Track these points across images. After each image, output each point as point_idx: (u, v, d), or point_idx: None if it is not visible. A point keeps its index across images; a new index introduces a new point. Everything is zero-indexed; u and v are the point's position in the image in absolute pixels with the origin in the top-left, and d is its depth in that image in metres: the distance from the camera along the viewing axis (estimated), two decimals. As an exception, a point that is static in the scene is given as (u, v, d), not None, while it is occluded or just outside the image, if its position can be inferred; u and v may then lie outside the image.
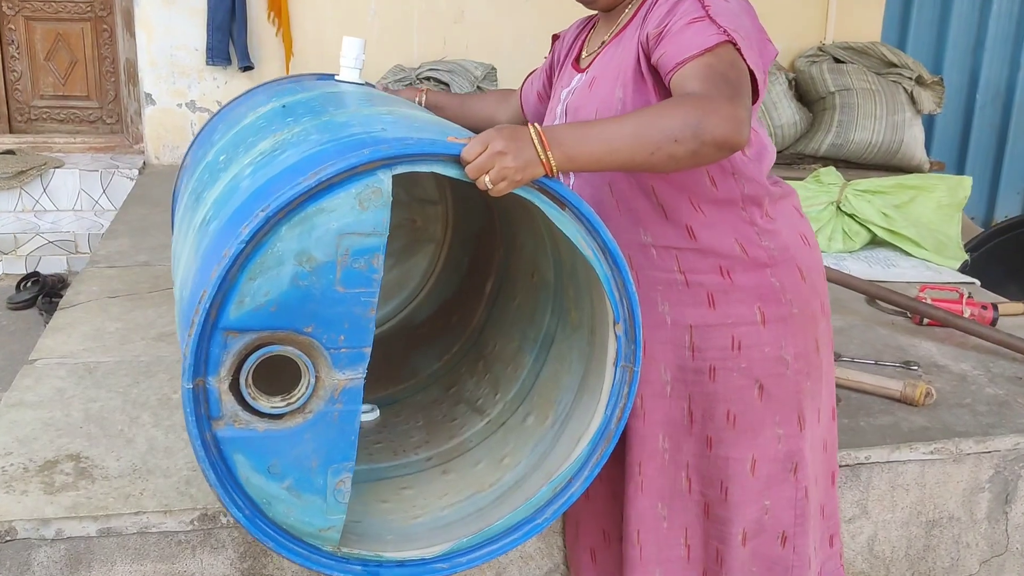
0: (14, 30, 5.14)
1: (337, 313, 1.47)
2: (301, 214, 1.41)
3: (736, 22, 1.60)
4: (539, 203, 1.54)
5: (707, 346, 1.76)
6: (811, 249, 1.82)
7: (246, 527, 1.54)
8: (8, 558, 1.86)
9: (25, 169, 4.77)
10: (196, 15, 4.97)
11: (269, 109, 1.96)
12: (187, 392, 1.42)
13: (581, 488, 1.71)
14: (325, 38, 5.13)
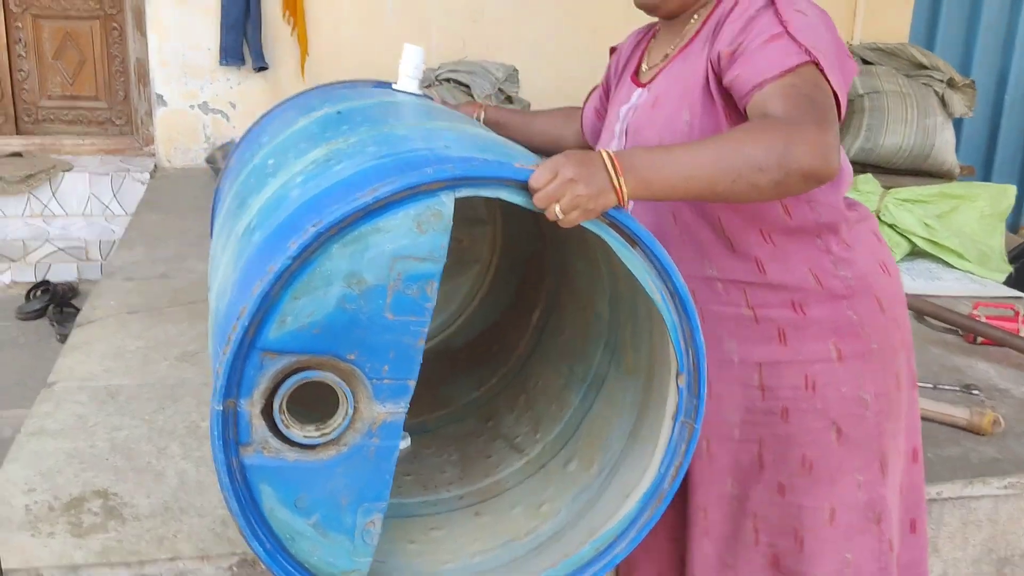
0: (21, 28, 5.01)
1: (384, 341, 1.36)
2: (354, 233, 1.31)
3: (816, 38, 1.50)
4: (608, 239, 1.42)
5: (778, 385, 1.64)
6: (891, 278, 1.69)
7: (266, 563, 1.42)
8: (34, 608, 1.74)
9: (33, 173, 4.63)
10: (209, 14, 4.83)
11: (323, 114, 1.83)
12: (216, 414, 1.32)
13: (627, 549, 1.58)
14: (342, 38, 5.00)
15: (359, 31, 5.02)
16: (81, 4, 5.02)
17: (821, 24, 1.55)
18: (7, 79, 5.04)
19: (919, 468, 1.78)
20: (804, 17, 1.53)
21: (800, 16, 1.52)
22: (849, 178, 1.69)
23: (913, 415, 1.75)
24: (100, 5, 5.02)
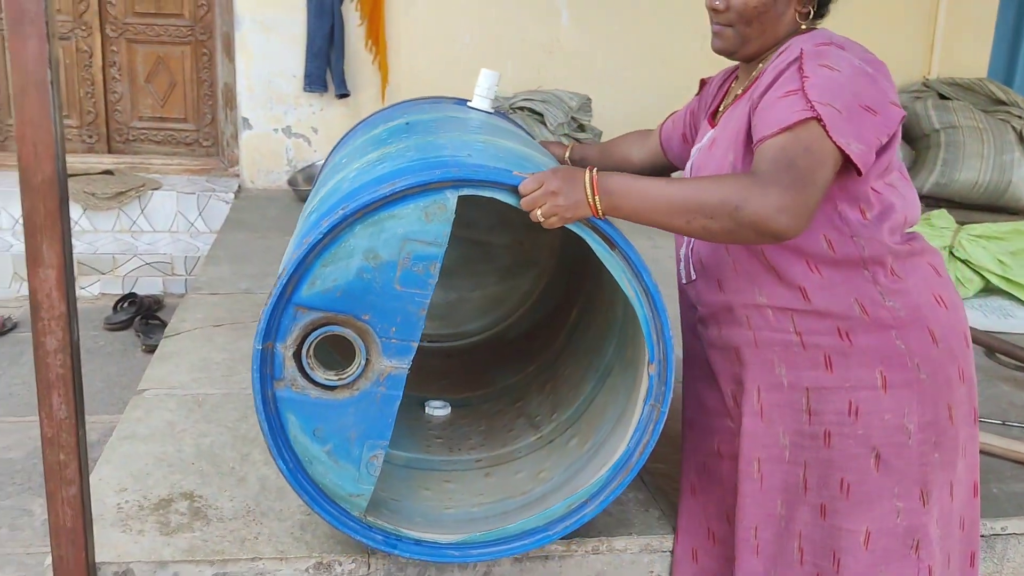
0: (116, 52, 5.25)
1: (393, 307, 1.67)
2: (375, 217, 1.62)
3: (835, 94, 1.56)
4: (590, 241, 1.69)
5: (824, 410, 1.70)
6: (948, 311, 1.72)
7: (288, 479, 1.74)
8: (125, 600, 1.85)
9: (124, 190, 4.85)
10: (295, 42, 5.02)
11: (396, 124, 2.13)
12: (257, 352, 1.66)
13: (595, 511, 1.84)
14: (420, 66, 5.14)
15: (437, 61, 5.16)
16: (173, 30, 5.25)
17: (851, 79, 1.59)
18: (101, 100, 5.29)
19: (977, 503, 1.80)
20: (829, 73, 1.59)
21: (824, 72, 1.59)
22: (902, 214, 1.72)
23: (972, 450, 1.77)
24: (191, 31, 5.25)
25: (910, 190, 1.75)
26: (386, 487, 1.93)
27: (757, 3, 1.69)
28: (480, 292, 2.73)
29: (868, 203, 1.67)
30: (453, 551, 1.84)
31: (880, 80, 1.62)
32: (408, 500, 1.96)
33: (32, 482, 2.99)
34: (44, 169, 1.57)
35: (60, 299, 1.62)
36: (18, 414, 3.42)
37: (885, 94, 1.62)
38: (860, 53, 1.65)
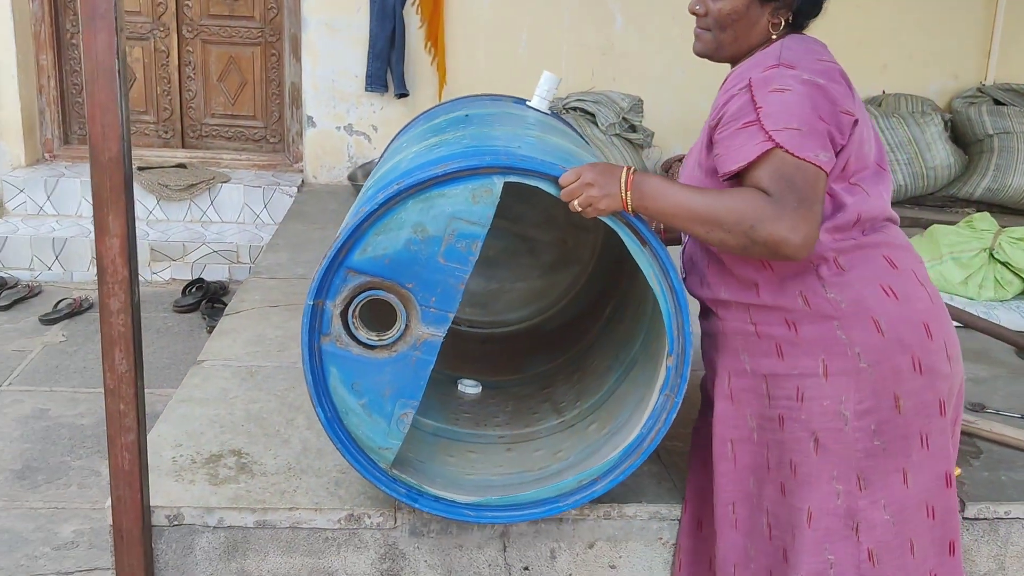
0: (192, 52, 5.54)
1: (435, 279, 1.81)
2: (426, 194, 1.77)
3: (791, 115, 1.64)
4: (623, 235, 1.82)
5: (778, 395, 1.80)
6: (900, 302, 1.75)
7: (324, 426, 1.89)
8: (175, 540, 2.04)
9: (195, 183, 5.12)
10: (358, 44, 5.23)
11: (456, 115, 2.30)
12: (308, 307, 1.82)
13: (604, 488, 1.97)
14: (478, 67, 5.32)
15: (494, 62, 5.32)
16: (245, 31, 5.51)
17: (803, 96, 1.66)
18: (177, 98, 5.58)
19: (953, 493, 1.82)
20: (780, 96, 1.66)
21: (775, 97, 1.66)
22: (854, 212, 1.75)
23: (941, 443, 1.78)
24: (262, 33, 5.51)
25: (877, 186, 1.79)
26: (413, 449, 2.08)
27: (730, 11, 1.78)
28: (522, 284, 2.86)
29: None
30: (469, 511, 1.98)
31: (830, 89, 1.69)
32: (433, 463, 2.11)
33: (100, 446, 3.23)
34: (111, 148, 1.77)
35: (123, 265, 1.82)
36: (90, 386, 3.68)
37: (835, 103, 1.68)
38: (811, 64, 1.70)
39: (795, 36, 1.80)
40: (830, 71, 1.72)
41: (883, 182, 1.82)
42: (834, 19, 5.80)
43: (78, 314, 4.37)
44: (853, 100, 1.74)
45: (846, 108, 1.70)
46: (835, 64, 1.75)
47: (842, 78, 1.73)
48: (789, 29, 1.83)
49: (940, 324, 1.78)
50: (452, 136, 2.03)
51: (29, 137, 5.31)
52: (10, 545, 2.71)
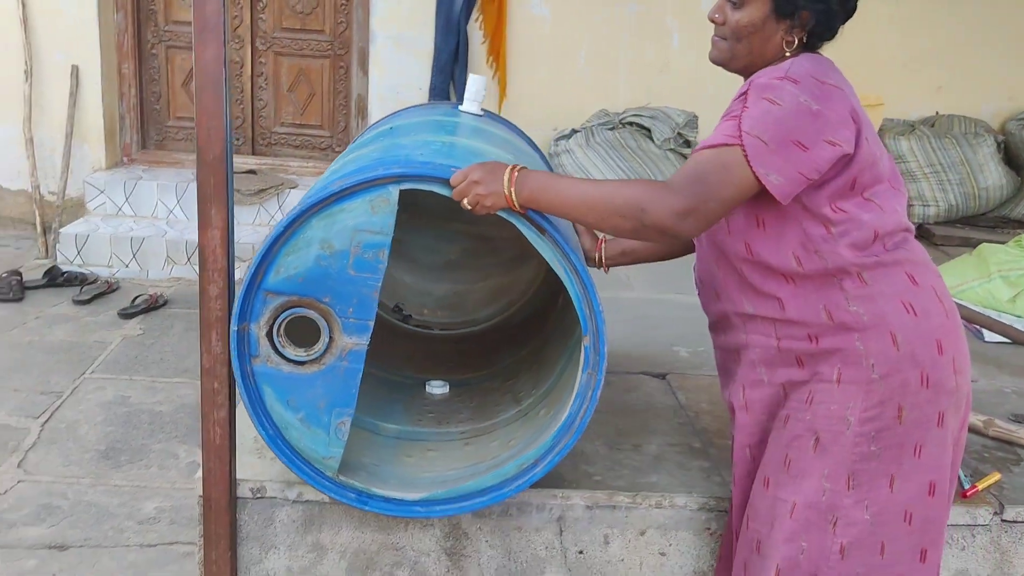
0: (264, 63, 5.78)
1: (348, 290, 1.87)
2: (328, 211, 1.84)
3: (765, 127, 1.68)
4: (520, 227, 1.86)
5: (792, 398, 1.88)
6: (918, 318, 1.79)
7: (268, 443, 1.97)
8: (257, 512, 2.20)
9: (264, 188, 5.35)
10: (423, 57, 5.43)
11: (382, 129, 2.39)
12: (234, 332, 1.90)
13: (543, 471, 2.00)
14: (536, 82, 5.49)
15: (553, 77, 5.49)
16: (315, 44, 5.75)
17: (788, 115, 1.69)
18: (249, 107, 5.83)
19: (937, 503, 1.85)
20: (768, 107, 1.70)
21: (763, 105, 1.70)
22: (871, 228, 1.79)
23: (934, 454, 1.83)
24: (331, 46, 5.74)
25: (891, 200, 1.83)
26: (369, 454, 2.16)
27: (748, 23, 1.81)
28: (486, 283, 2.94)
29: (830, 220, 1.78)
30: (418, 507, 2.03)
31: (824, 116, 1.70)
32: (389, 465, 2.17)
33: (178, 432, 3.44)
34: (215, 149, 1.95)
35: (223, 255, 1.99)
36: (167, 376, 3.90)
37: (822, 132, 1.70)
38: (812, 87, 1.72)
39: (808, 55, 1.83)
40: (831, 95, 1.73)
41: (897, 197, 1.86)
42: (888, 40, 5.93)
43: (154, 309, 4.61)
44: (849, 126, 1.74)
45: (834, 138, 1.71)
46: (840, 88, 1.76)
47: (843, 103, 1.74)
48: (802, 50, 1.85)
49: (951, 339, 1.83)
50: (367, 150, 2.09)
51: (110, 141, 5.59)
52: (98, 518, 2.91)
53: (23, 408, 3.56)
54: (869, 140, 1.78)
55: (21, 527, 2.85)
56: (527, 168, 1.84)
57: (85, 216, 5.38)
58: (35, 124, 5.46)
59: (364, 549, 2.22)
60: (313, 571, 2.21)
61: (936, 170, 5.15)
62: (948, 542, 2.26)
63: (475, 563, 2.23)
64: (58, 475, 3.13)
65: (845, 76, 1.84)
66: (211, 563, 2.16)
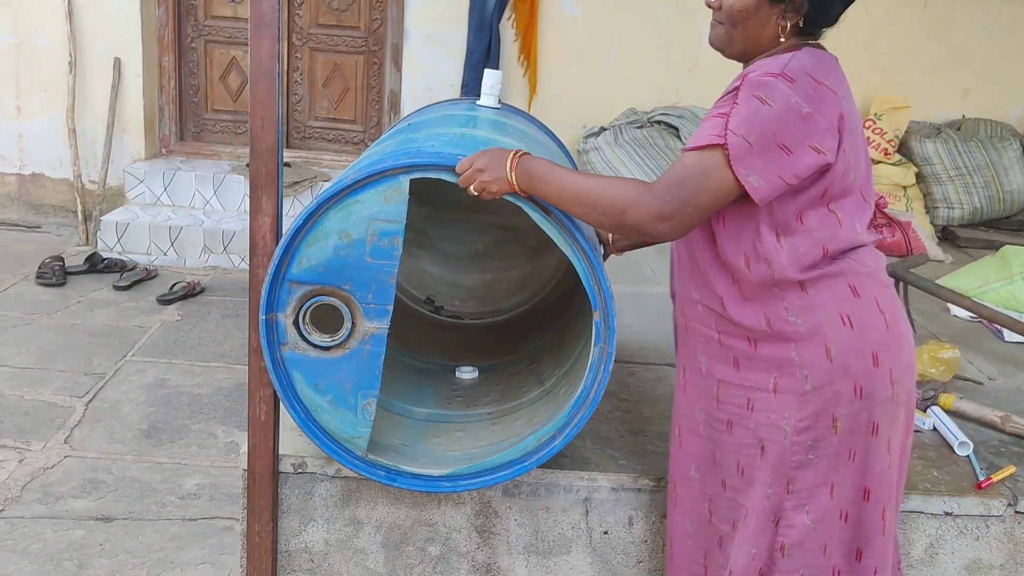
0: (300, 59, 5.90)
1: (367, 277, 1.96)
2: (344, 203, 1.93)
3: (751, 127, 1.67)
4: (527, 210, 1.93)
5: (727, 400, 1.91)
6: (854, 331, 1.80)
7: (299, 425, 2.06)
8: (298, 486, 2.31)
9: (299, 180, 5.47)
10: (455, 55, 5.54)
11: (402, 125, 2.48)
12: (263, 321, 2.00)
13: (562, 443, 2.09)
14: (568, 80, 5.58)
15: (583, 76, 5.58)
16: (350, 40, 5.86)
17: (777, 116, 1.67)
18: (284, 101, 5.94)
19: (872, 508, 1.89)
20: (758, 106, 1.68)
21: (753, 103, 1.68)
22: (821, 245, 1.80)
23: (868, 462, 1.86)
24: (366, 43, 5.85)
25: (853, 216, 1.82)
26: (402, 435, 2.26)
27: (741, 8, 1.78)
28: (513, 271, 3.01)
29: (786, 229, 1.78)
30: (444, 482, 2.11)
31: (813, 120, 1.69)
32: (419, 445, 2.27)
33: (216, 413, 3.56)
34: (267, 139, 2.06)
35: (272, 240, 2.10)
36: (205, 360, 4.03)
37: (809, 136, 1.69)
38: (807, 87, 1.69)
39: (810, 50, 1.79)
40: (824, 98, 1.71)
41: (862, 211, 1.85)
42: (915, 43, 5.98)
43: (191, 296, 4.74)
44: (834, 134, 1.73)
45: (820, 145, 1.71)
46: (835, 92, 1.74)
47: (834, 108, 1.72)
48: (800, 35, 1.82)
49: (889, 351, 1.83)
50: (384, 145, 2.19)
51: (149, 133, 5.74)
52: (141, 493, 3.04)
53: (68, 388, 3.70)
54: (847, 149, 1.76)
55: (69, 499, 2.98)
56: (529, 154, 1.89)
57: (125, 205, 5.53)
58: (78, 115, 5.61)
59: (399, 524, 2.32)
60: (349, 544, 2.32)
61: (961, 173, 5.20)
62: (962, 532, 2.34)
63: (504, 540, 2.33)
64: (103, 451, 3.26)
65: (846, 77, 1.83)
66: (253, 534, 2.27)
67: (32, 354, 3.98)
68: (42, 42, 5.57)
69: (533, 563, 2.34)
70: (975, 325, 3.64)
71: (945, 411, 2.69)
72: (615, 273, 2.13)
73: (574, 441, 2.40)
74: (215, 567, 2.74)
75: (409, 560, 2.33)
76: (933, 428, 2.62)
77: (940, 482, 2.37)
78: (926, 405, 2.71)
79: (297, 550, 2.32)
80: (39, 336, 4.16)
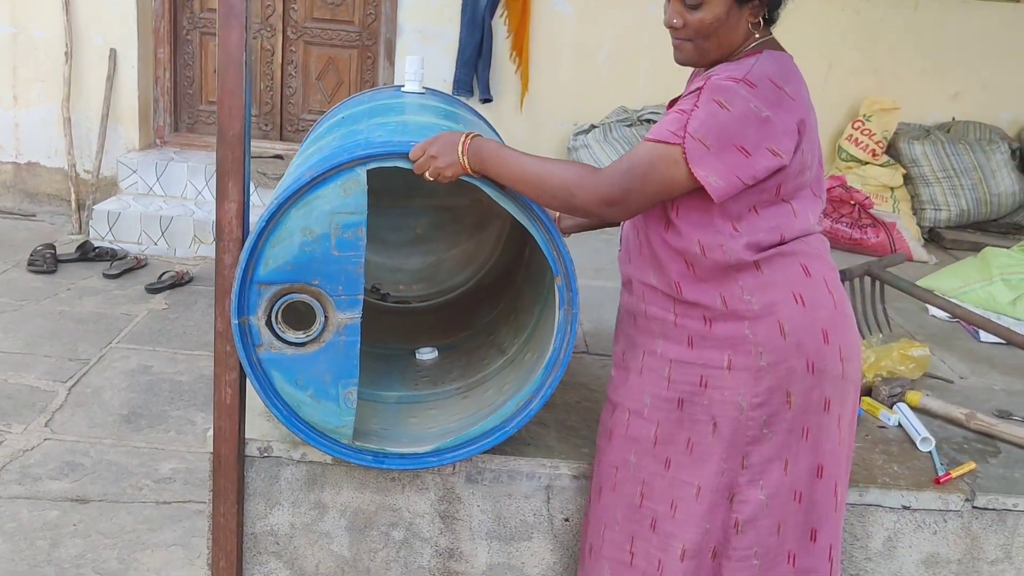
0: (295, 52, 5.95)
1: (335, 270, 1.98)
2: (304, 200, 1.95)
3: (709, 130, 1.71)
4: (483, 187, 1.98)
5: (679, 380, 1.94)
6: (806, 309, 1.85)
7: (284, 423, 2.09)
8: (264, 470, 2.34)
9: (291, 173, 5.51)
10: (448, 51, 5.57)
11: (334, 121, 2.53)
12: (235, 326, 2.01)
13: (539, 404, 2.13)
14: (559, 78, 5.61)
15: (575, 73, 5.61)
16: (344, 35, 5.90)
17: (735, 120, 1.71)
18: (278, 94, 5.99)
19: (824, 486, 1.93)
20: (717, 110, 1.71)
21: (712, 107, 1.72)
22: (778, 232, 1.85)
23: (821, 439, 1.90)
24: (360, 37, 5.89)
25: (807, 207, 1.88)
26: (377, 420, 2.29)
27: (712, 20, 1.80)
28: (455, 250, 3.03)
29: (740, 220, 1.83)
30: (431, 458, 2.16)
31: (771, 124, 1.73)
32: (397, 427, 2.31)
33: (196, 401, 3.60)
34: (235, 127, 2.09)
35: (238, 226, 2.13)
36: (189, 349, 4.07)
37: (766, 139, 1.74)
38: (767, 92, 1.73)
39: (772, 55, 1.83)
40: (783, 103, 1.75)
41: (814, 204, 1.90)
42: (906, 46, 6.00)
43: (179, 285, 4.78)
44: (792, 137, 1.77)
45: (777, 148, 1.75)
46: (794, 99, 1.78)
47: (792, 113, 1.76)
48: (767, 26, 1.87)
49: (838, 329, 1.89)
50: (326, 141, 2.22)
51: (143, 123, 5.78)
52: (118, 476, 3.08)
53: (52, 373, 3.74)
54: (804, 151, 1.80)
55: (46, 480, 3.02)
56: (480, 136, 1.94)
57: (117, 194, 5.57)
58: (73, 105, 5.66)
59: (363, 509, 2.35)
60: (315, 528, 2.35)
61: (949, 175, 5.21)
62: (920, 526, 2.37)
63: (467, 526, 2.36)
64: (82, 435, 3.31)
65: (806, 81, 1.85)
66: (219, 516, 2.30)
67: (19, 339, 4.02)
68: (39, 33, 5.61)
69: (495, 548, 2.37)
70: (952, 325, 3.66)
71: (911, 408, 2.71)
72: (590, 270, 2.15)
73: (538, 429, 2.46)
74: (185, 549, 2.78)
75: (373, 544, 2.36)
76: (898, 424, 2.64)
77: (900, 476, 2.40)
78: (893, 401, 2.74)
79: (263, 533, 2.35)
80: (27, 322, 4.21)
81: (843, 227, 4.73)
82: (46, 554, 2.69)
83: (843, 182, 4.85)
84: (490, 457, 2.29)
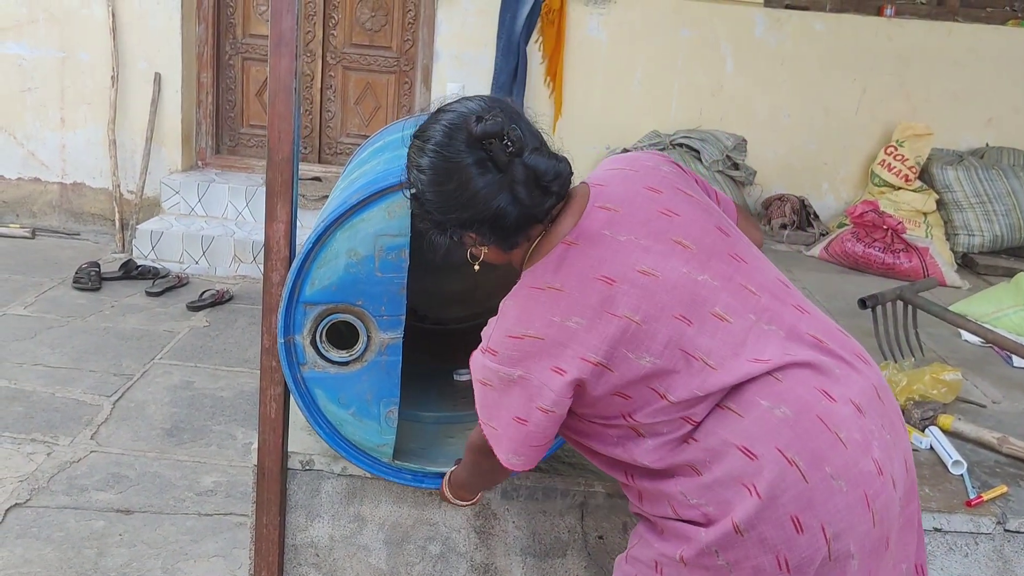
0: (333, 77, 6.07)
1: (378, 291, 2.04)
2: (350, 222, 2.00)
3: (490, 413, 1.70)
4: None
5: (639, 558, 1.73)
6: (763, 501, 1.50)
7: (326, 440, 2.14)
8: (305, 483, 2.41)
9: (328, 195, 5.61)
10: (484, 75, 5.67)
11: (376, 147, 2.57)
12: (281, 345, 2.07)
13: None
14: (592, 102, 5.68)
15: (608, 98, 5.68)
16: (382, 60, 6.02)
17: (501, 395, 1.64)
18: (317, 117, 6.11)
19: None
20: (483, 389, 1.69)
21: (479, 388, 1.71)
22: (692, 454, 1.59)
23: None
24: (397, 63, 6.00)
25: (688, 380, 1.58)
26: (416, 440, 2.35)
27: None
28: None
29: (637, 428, 1.64)
30: None
31: (526, 381, 1.61)
32: (436, 447, 2.36)
33: (236, 416, 3.68)
34: (284, 150, 2.17)
35: (285, 246, 2.21)
36: (229, 365, 4.15)
37: (531, 399, 1.60)
38: (508, 352, 1.62)
39: (521, 287, 1.73)
40: (529, 353, 1.61)
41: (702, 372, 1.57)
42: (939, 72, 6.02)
43: (220, 304, 4.88)
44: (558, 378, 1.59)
45: (542, 404, 1.61)
46: (542, 338, 1.60)
47: (550, 350, 1.60)
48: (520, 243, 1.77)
49: (814, 509, 1.50)
50: (370, 166, 2.28)
51: (186, 145, 5.92)
52: (161, 488, 3.16)
53: (97, 387, 3.84)
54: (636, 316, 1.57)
55: (92, 491, 3.11)
56: (450, 472, 2.13)
57: (160, 214, 5.71)
58: (118, 127, 5.81)
59: (401, 523, 2.40)
60: (353, 540, 2.41)
61: (982, 200, 5.22)
62: (951, 548, 2.38)
63: (502, 542, 2.41)
64: (126, 448, 3.39)
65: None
66: (262, 527, 2.37)
67: (65, 354, 4.13)
68: (86, 57, 5.78)
69: (530, 564, 2.41)
70: (986, 350, 3.67)
71: (943, 431, 2.73)
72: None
73: (573, 448, 2.50)
74: (227, 560, 2.85)
75: (410, 558, 2.41)
76: (930, 447, 2.66)
77: (931, 499, 2.42)
78: (925, 425, 2.76)
79: (303, 544, 2.41)
80: (73, 338, 4.32)
81: (876, 252, 4.75)
82: (93, 563, 2.77)
83: (876, 207, 4.87)
84: (526, 474, 2.33)
